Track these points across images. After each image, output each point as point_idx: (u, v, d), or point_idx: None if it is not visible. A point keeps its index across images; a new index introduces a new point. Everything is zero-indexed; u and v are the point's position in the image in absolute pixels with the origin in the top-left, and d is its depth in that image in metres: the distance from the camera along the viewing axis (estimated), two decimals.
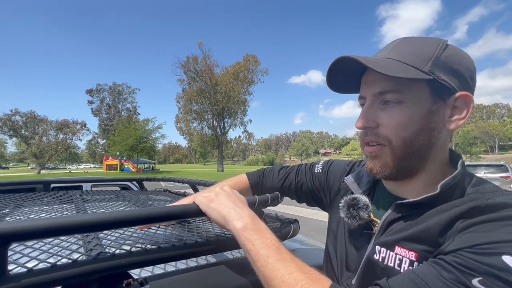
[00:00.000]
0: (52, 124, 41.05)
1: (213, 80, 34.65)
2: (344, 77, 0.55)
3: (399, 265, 0.45)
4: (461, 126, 0.51)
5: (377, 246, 0.50)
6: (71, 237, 0.54)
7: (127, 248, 0.46)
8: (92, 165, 79.77)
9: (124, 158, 34.86)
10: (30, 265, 0.37)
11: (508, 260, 0.33)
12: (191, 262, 0.65)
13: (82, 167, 70.14)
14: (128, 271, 0.45)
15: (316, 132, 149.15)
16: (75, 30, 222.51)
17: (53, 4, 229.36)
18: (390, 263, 0.47)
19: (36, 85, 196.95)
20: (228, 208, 0.53)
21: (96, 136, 58.77)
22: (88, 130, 44.49)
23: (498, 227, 0.37)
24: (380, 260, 0.48)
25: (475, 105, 0.47)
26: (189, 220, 0.75)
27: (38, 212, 0.82)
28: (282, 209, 6.78)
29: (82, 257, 0.41)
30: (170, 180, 1.54)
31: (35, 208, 0.89)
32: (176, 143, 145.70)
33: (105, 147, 54.83)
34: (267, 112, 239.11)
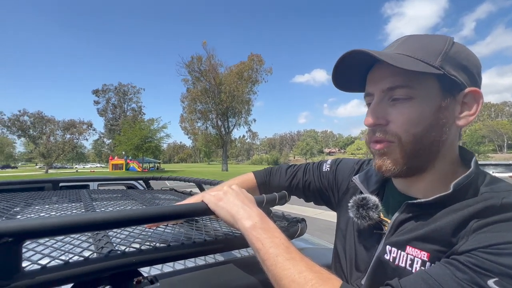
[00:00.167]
0: (59, 124, 41.76)
1: (217, 80, 34.67)
2: (350, 74, 0.54)
3: (411, 265, 0.45)
4: (470, 124, 0.50)
5: (387, 246, 0.49)
6: (82, 235, 0.55)
7: (136, 246, 0.46)
8: (98, 165, 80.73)
9: (130, 158, 35.20)
10: (43, 262, 0.38)
11: None
12: (199, 261, 0.65)
13: (88, 167, 71.11)
14: (138, 269, 0.45)
15: (320, 131, 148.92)
16: (82, 31, 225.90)
17: (60, 6, 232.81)
18: (401, 263, 0.46)
19: (44, 86, 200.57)
20: (237, 207, 0.53)
21: (102, 136, 59.55)
22: (94, 130, 45.30)
23: None
24: (391, 260, 0.48)
25: (483, 103, 0.46)
26: (196, 219, 0.75)
27: (48, 210, 0.83)
28: (287, 209, 6.76)
29: (93, 255, 0.41)
30: (176, 179, 1.55)
31: (45, 206, 0.90)
32: (181, 142, 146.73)
33: (111, 147, 55.50)
34: (271, 111, 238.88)
